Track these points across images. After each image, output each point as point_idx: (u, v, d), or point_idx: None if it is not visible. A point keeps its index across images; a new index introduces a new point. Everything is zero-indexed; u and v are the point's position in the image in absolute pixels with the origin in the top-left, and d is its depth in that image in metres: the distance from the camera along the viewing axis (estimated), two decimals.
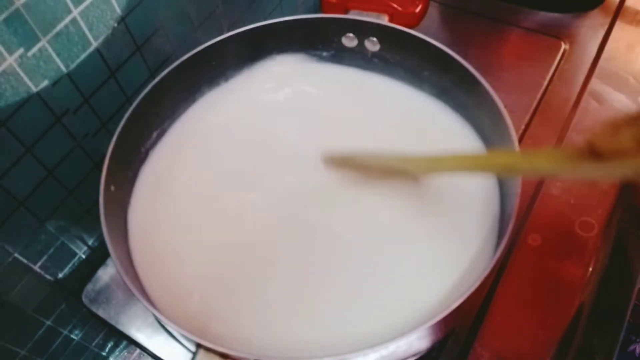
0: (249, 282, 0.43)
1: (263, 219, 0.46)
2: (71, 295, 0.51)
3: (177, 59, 0.47)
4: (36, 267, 0.46)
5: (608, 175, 0.37)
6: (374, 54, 0.53)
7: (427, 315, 0.40)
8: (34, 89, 0.39)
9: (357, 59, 0.54)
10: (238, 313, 0.42)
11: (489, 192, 0.47)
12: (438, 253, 0.42)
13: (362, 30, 0.51)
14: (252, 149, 0.50)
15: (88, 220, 0.50)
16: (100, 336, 0.57)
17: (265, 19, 0.50)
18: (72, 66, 0.42)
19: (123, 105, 0.49)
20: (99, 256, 0.53)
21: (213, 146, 0.50)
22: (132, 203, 0.48)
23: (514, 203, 0.39)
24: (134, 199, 0.48)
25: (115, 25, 0.44)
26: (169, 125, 0.51)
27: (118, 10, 0.43)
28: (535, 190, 0.54)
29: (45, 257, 0.47)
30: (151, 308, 0.36)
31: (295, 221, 0.45)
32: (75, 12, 0.40)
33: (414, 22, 0.56)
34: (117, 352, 0.58)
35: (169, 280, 0.44)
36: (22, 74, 0.38)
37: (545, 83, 0.64)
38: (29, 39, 0.37)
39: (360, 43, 0.52)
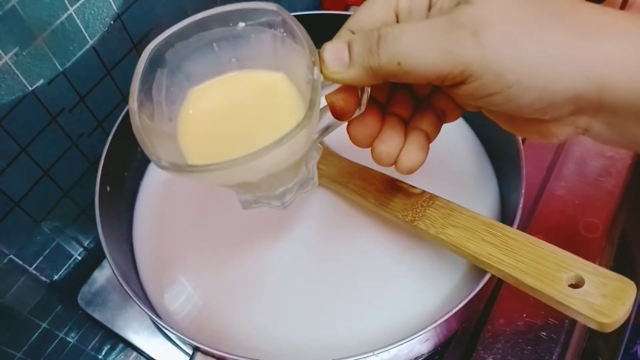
0: (248, 286, 0.42)
1: (266, 222, 0.45)
2: (67, 298, 0.50)
3: None
4: (31, 269, 0.46)
5: None
6: None
7: (429, 318, 0.39)
8: (30, 88, 0.39)
9: None
10: (235, 317, 0.41)
11: (492, 193, 0.46)
12: (440, 256, 0.42)
13: None
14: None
15: (84, 221, 0.49)
16: (97, 339, 0.56)
17: None
18: (68, 64, 0.41)
19: (119, 104, 0.48)
20: (94, 258, 0.52)
21: None
22: (138, 202, 0.48)
23: (518, 203, 0.39)
24: (139, 199, 0.49)
25: (112, 22, 0.43)
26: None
27: (114, 8, 0.43)
28: (539, 190, 0.53)
29: (40, 259, 0.46)
30: (147, 311, 0.36)
31: (297, 225, 0.45)
32: (71, 10, 0.39)
33: None
34: (113, 355, 0.57)
35: (170, 281, 0.44)
36: (17, 72, 0.38)
37: None
38: (25, 37, 0.37)
39: None
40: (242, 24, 0.31)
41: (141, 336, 0.49)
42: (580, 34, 0.25)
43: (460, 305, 0.34)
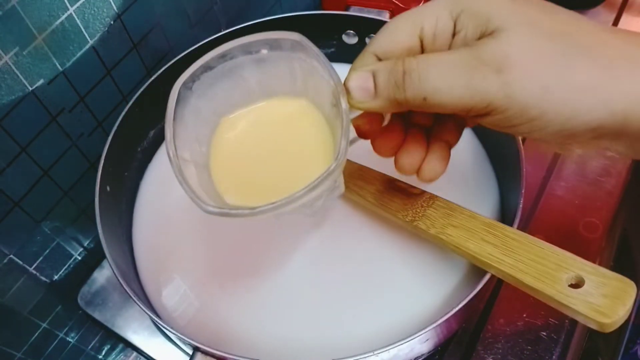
0: (247, 286, 0.42)
1: (266, 223, 0.45)
2: (67, 298, 0.50)
3: (174, 56, 0.47)
4: (31, 269, 0.46)
5: None
6: None
7: (429, 318, 0.39)
8: (30, 88, 0.39)
9: None
10: (236, 317, 0.41)
11: (492, 193, 0.46)
12: (440, 256, 0.42)
13: (363, 27, 0.50)
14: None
15: (83, 221, 0.49)
16: (97, 339, 0.56)
17: (264, 16, 0.49)
18: (68, 64, 0.41)
19: (119, 104, 0.48)
20: (94, 258, 0.52)
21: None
22: (138, 202, 0.48)
23: (518, 203, 0.38)
24: (139, 199, 0.49)
25: (112, 22, 0.43)
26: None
27: (114, 8, 0.43)
28: (539, 190, 0.53)
29: (40, 259, 0.46)
30: (147, 311, 0.36)
31: (297, 227, 0.45)
32: (71, 10, 0.39)
33: None
34: (113, 355, 0.57)
35: (170, 281, 0.44)
36: (17, 72, 0.38)
37: None
38: (25, 37, 0.37)
39: (361, 40, 0.51)
40: (264, 52, 0.32)
41: (141, 336, 0.49)
42: (605, 68, 0.25)
43: (460, 305, 0.34)
